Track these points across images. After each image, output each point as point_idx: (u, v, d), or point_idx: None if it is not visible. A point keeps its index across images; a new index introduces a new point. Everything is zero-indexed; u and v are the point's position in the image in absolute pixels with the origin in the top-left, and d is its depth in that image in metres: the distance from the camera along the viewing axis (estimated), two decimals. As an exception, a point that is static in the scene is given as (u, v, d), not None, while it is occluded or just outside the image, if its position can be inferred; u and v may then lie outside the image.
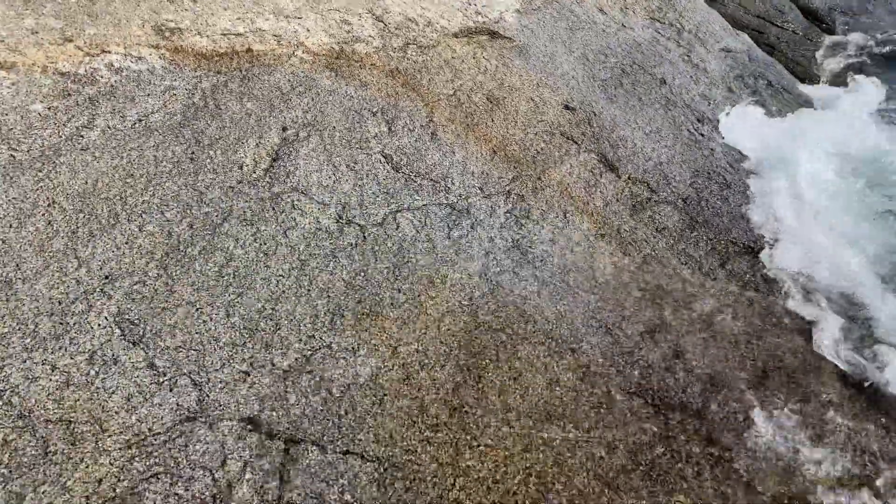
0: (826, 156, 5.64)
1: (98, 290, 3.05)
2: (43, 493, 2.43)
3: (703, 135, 5.72)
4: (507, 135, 4.82)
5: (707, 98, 6.29)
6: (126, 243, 3.26)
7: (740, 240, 4.70)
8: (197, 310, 3.11)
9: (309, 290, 3.35)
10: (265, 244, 3.48)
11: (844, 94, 7.18)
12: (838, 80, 7.95)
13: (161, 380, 2.83)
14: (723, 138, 5.81)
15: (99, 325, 2.93)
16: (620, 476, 3.01)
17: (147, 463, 2.58)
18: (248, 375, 2.94)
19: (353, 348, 3.16)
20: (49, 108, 3.74)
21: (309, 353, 3.10)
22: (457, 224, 3.96)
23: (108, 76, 4.04)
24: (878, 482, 3.27)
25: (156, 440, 2.66)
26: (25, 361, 2.76)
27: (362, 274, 3.50)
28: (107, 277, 3.10)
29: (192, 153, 3.80)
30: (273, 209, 3.66)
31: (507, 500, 2.80)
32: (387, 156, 4.25)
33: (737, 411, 3.46)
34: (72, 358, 2.81)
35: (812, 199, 5.13)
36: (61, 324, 2.91)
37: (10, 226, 3.18)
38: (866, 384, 3.78)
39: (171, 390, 2.81)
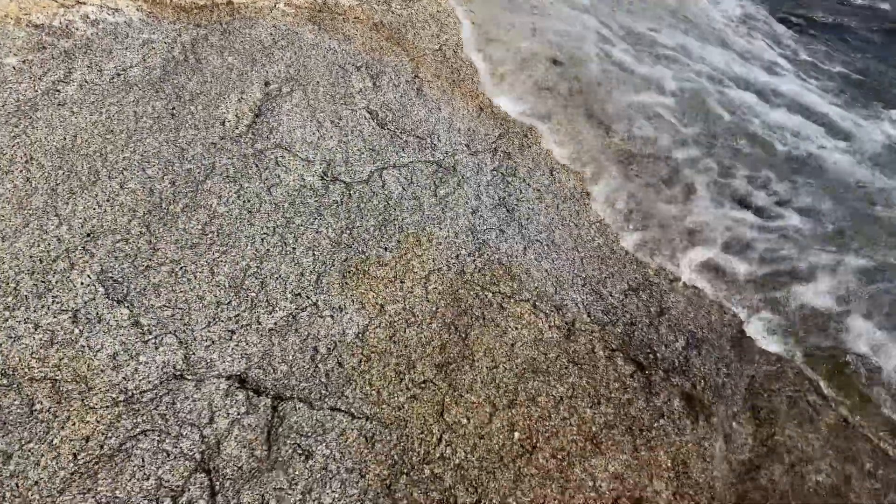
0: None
1: (80, 248, 3.01)
2: (30, 450, 2.43)
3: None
4: (493, 91, 4.76)
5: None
6: (107, 200, 3.21)
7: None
8: (181, 268, 3.09)
9: (294, 248, 3.33)
10: (249, 201, 3.44)
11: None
12: None
13: (147, 338, 2.82)
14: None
15: (82, 283, 2.90)
16: (603, 431, 3.06)
17: (135, 420, 2.59)
18: (234, 334, 2.94)
19: (339, 306, 3.16)
20: (24, 62, 3.63)
21: (295, 311, 3.09)
22: (443, 182, 3.93)
23: (84, 28, 3.93)
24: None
25: (143, 398, 2.65)
26: (7, 320, 2.73)
27: (348, 232, 3.48)
28: (89, 235, 3.06)
29: (173, 108, 3.72)
30: (256, 166, 3.61)
31: (492, 455, 2.84)
32: (372, 111, 4.19)
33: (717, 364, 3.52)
34: (55, 317, 2.78)
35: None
36: (43, 282, 2.87)
37: (-13, 182, 3.12)
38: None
39: (157, 348, 2.80)
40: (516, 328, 3.33)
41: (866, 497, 3.16)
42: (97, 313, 2.83)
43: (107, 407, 2.59)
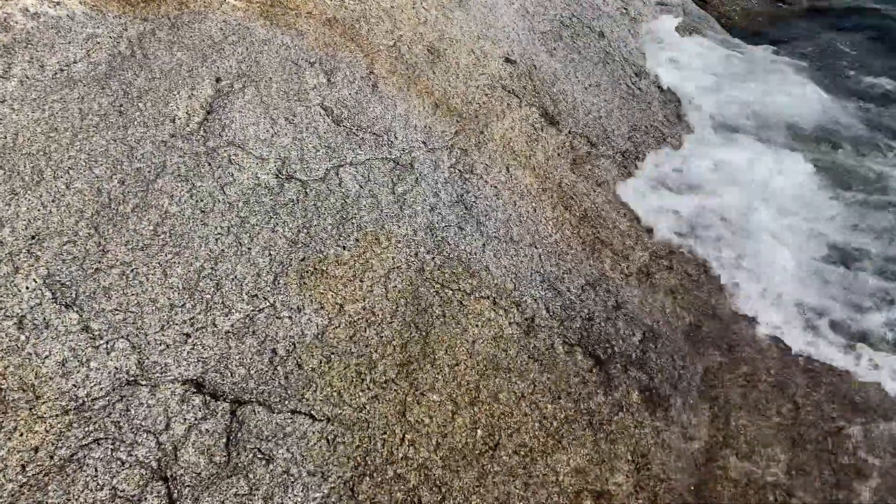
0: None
1: (24, 251, 2.89)
2: (-25, 464, 2.33)
3: (640, 89, 5.78)
4: (448, 88, 4.75)
5: (644, 52, 6.34)
6: (53, 201, 3.09)
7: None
8: (132, 270, 2.99)
9: (250, 249, 3.26)
10: (202, 201, 3.36)
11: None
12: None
13: (97, 343, 2.72)
14: (660, 91, 5.89)
15: (27, 287, 2.78)
16: (565, 426, 3.09)
17: (86, 429, 2.50)
18: (190, 337, 2.86)
19: (298, 307, 3.11)
20: (-41, 56, 3.47)
21: (252, 312, 3.03)
22: (401, 179, 3.90)
23: (23, 22, 3.77)
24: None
25: (94, 405, 2.56)
26: (-52, 328, 2.61)
27: (305, 231, 3.42)
28: (33, 238, 2.94)
29: (121, 105, 3.60)
30: (209, 164, 3.53)
31: (455, 454, 2.84)
32: (327, 108, 4.13)
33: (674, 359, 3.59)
34: (-1, 323, 2.67)
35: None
36: (-15, 287, 2.75)
37: (-78, 183, 2.97)
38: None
39: (108, 354, 2.70)
40: (477, 325, 3.33)
41: (818, 480, 3.26)
42: (44, 318, 2.72)
43: (56, 416, 2.50)
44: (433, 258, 3.56)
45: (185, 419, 2.62)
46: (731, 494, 3.11)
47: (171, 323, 2.88)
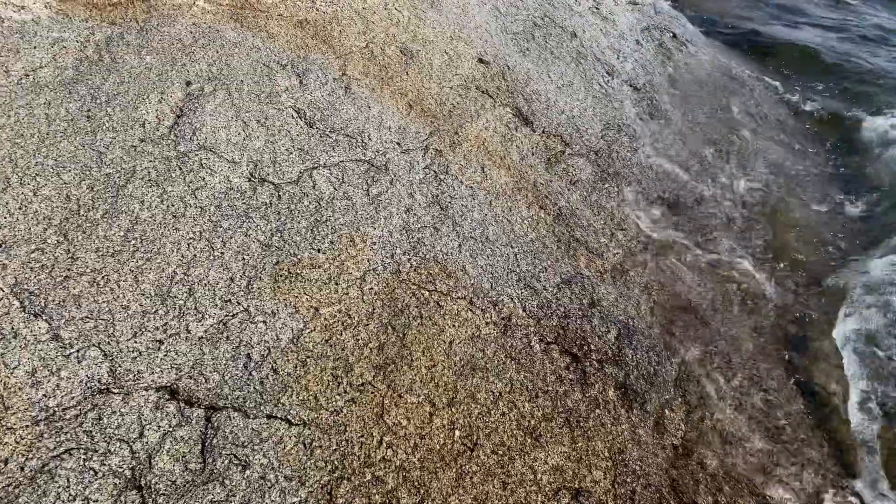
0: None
1: (-10, 259, 2.83)
2: (-58, 478, 2.28)
3: (613, 87, 5.82)
4: (422, 89, 4.74)
5: (616, 51, 6.39)
6: (20, 208, 3.03)
7: (649, 190, 4.85)
8: (103, 277, 2.94)
9: (223, 253, 3.23)
10: (173, 206, 3.32)
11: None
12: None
13: (68, 352, 2.67)
14: (633, 90, 5.93)
15: (-6, 297, 2.73)
16: (542, 424, 3.10)
17: (58, 439, 2.45)
18: (163, 344, 2.82)
19: (272, 311, 3.08)
20: (-80, 62, 3.40)
21: (226, 317, 3.00)
22: (375, 181, 3.89)
23: (-14, 26, 3.70)
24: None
25: (66, 415, 2.52)
26: (-88, 339, 2.55)
27: (279, 234, 3.40)
28: (0, 246, 2.88)
29: (89, 111, 3.54)
30: (180, 168, 3.48)
31: (433, 455, 2.83)
32: (299, 110, 4.10)
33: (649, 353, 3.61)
34: (-35, 333, 2.61)
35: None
36: (-49, 297, 2.69)
37: None
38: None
39: (79, 362, 2.66)
40: (454, 326, 3.33)
41: (792, 464, 3.30)
42: (12, 328, 2.67)
43: (26, 427, 2.45)
44: (409, 259, 3.55)
45: (159, 427, 2.58)
46: (707, 488, 3.14)
47: (143, 330, 2.84)
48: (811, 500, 3.28)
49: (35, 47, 3.74)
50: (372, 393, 2.94)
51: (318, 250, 3.40)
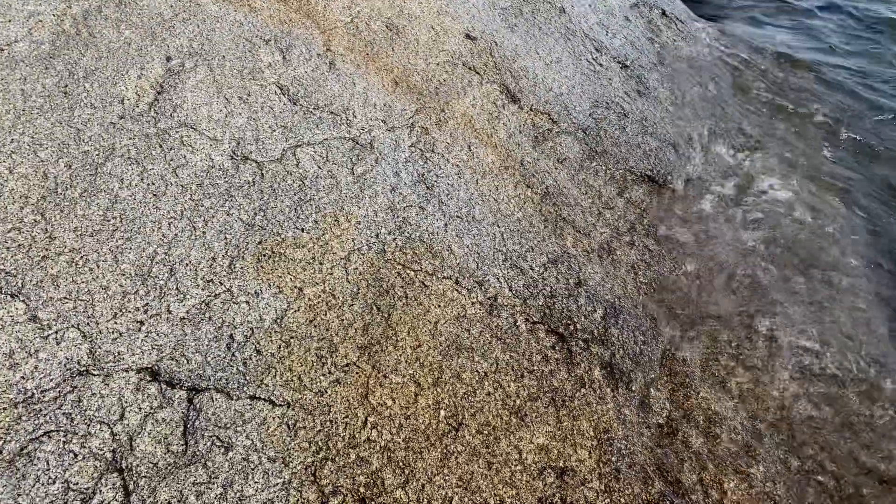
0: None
1: (-35, 239, 2.77)
2: (-82, 461, 2.24)
3: (601, 64, 5.76)
4: (408, 65, 4.67)
5: (605, 27, 6.32)
6: (-5, 187, 2.97)
7: (638, 168, 4.82)
8: (82, 257, 2.89)
9: (205, 233, 3.18)
10: (154, 184, 3.26)
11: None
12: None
13: (46, 333, 2.63)
14: (621, 67, 5.88)
15: (-31, 277, 2.68)
16: (528, 404, 3.09)
17: (36, 422, 2.42)
18: (143, 324, 2.78)
19: (255, 291, 3.05)
20: None
21: (208, 298, 2.96)
22: (360, 159, 3.84)
23: (-42, -2, 3.60)
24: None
25: (45, 397, 2.48)
26: None
27: (262, 213, 3.35)
28: (-25, 225, 2.82)
29: (66, 86, 3.46)
30: (160, 146, 3.42)
31: (418, 435, 2.82)
32: (283, 87, 4.03)
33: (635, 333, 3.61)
34: (-60, 315, 2.56)
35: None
36: (-76, 278, 2.64)
37: None
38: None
39: (58, 344, 2.62)
40: (439, 306, 3.30)
41: (775, 450, 3.32)
42: (-12, 309, 2.62)
43: (4, 409, 2.41)
44: (395, 239, 3.51)
45: (140, 408, 2.55)
46: (692, 467, 3.16)
47: (123, 310, 2.80)
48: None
49: (10, 21, 3.64)
50: (357, 373, 2.92)
51: (302, 230, 3.36)
